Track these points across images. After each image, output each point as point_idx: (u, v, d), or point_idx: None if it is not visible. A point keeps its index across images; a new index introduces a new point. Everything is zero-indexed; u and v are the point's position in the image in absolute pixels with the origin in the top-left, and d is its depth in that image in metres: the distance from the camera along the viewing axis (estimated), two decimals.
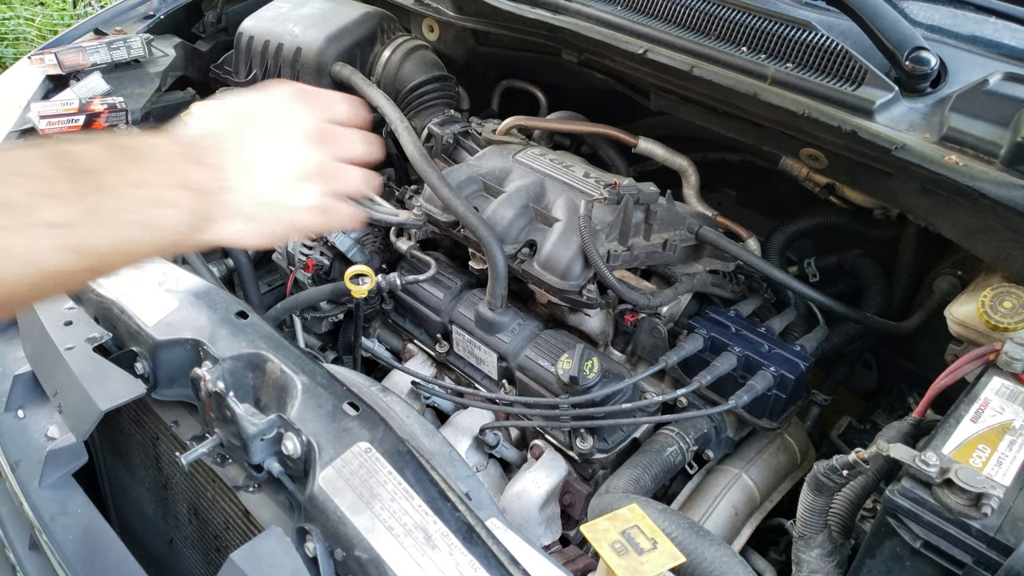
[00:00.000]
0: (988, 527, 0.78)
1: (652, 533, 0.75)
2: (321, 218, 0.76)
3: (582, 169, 1.44)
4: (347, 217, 0.78)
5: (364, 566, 0.76)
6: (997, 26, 1.27)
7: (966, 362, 1.00)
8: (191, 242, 0.69)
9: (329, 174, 0.76)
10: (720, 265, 1.39)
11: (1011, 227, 1.03)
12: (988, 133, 1.05)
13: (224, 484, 0.96)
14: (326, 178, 0.76)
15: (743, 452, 1.29)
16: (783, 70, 1.20)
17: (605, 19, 1.39)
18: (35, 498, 1.01)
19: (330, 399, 0.91)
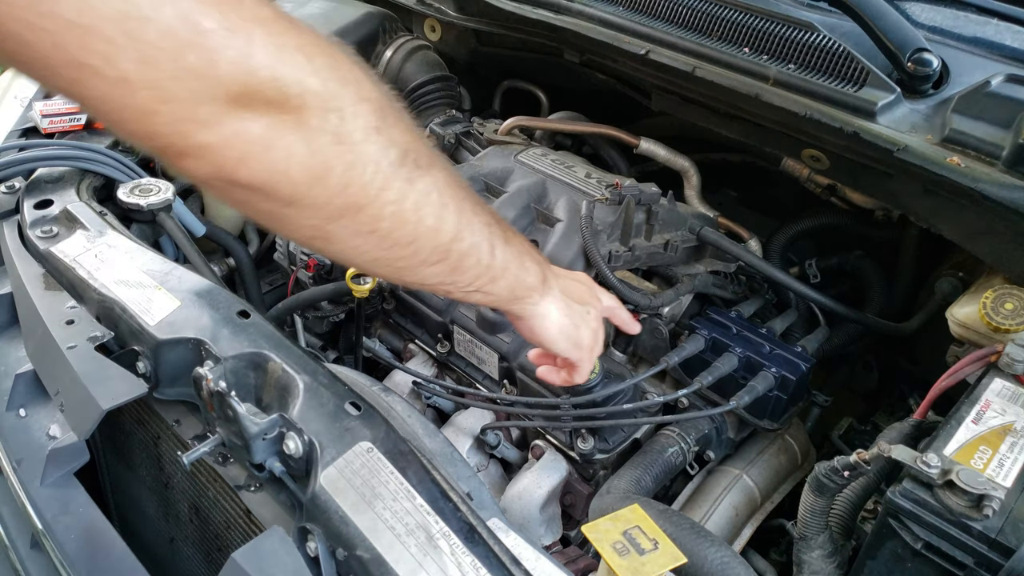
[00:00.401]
0: (989, 528, 0.78)
1: (653, 534, 0.75)
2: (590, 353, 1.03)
3: (584, 169, 1.44)
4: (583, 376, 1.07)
5: (366, 566, 0.76)
6: (999, 28, 1.27)
7: (967, 363, 1.01)
8: (518, 305, 0.93)
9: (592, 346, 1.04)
10: (721, 266, 1.39)
11: (1013, 228, 1.03)
12: (990, 135, 1.05)
13: (226, 483, 0.96)
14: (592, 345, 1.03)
15: (744, 453, 1.30)
16: (785, 71, 1.20)
17: (607, 20, 1.39)
18: (37, 497, 1.01)
19: (332, 399, 0.91)
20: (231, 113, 0.56)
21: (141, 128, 0.56)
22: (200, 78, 0.54)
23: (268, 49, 0.57)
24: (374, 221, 0.68)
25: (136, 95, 0.53)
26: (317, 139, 0.61)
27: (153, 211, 1.37)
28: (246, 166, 0.59)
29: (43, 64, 0.51)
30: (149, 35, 0.51)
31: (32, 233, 1.23)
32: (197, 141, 0.57)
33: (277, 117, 0.58)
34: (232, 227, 1.79)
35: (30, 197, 1.31)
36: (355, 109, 0.63)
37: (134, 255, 1.16)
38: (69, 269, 1.14)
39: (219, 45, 0.54)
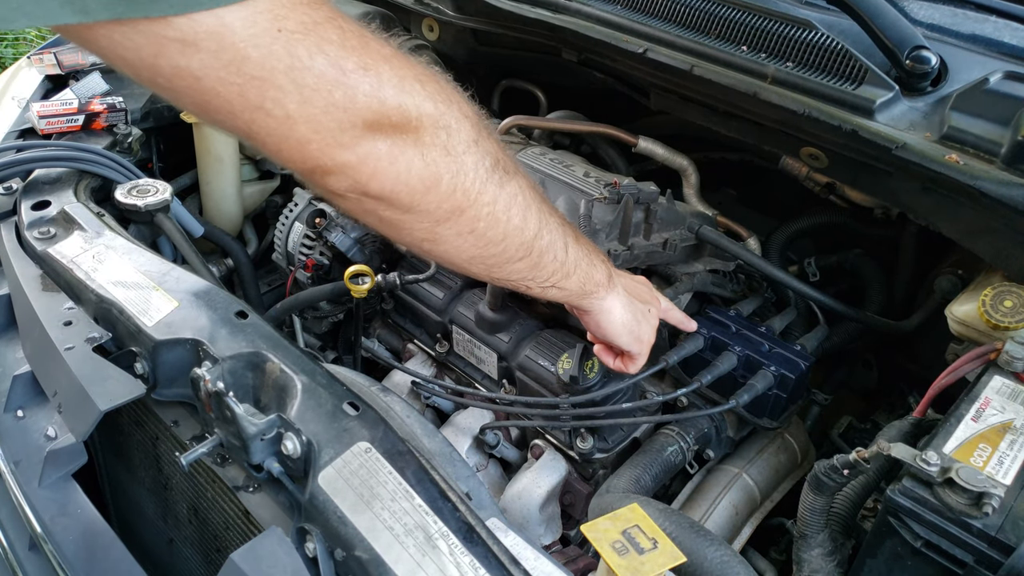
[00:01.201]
0: (989, 526, 0.78)
1: (653, 533, 0.75)
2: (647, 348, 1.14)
3: (582, 168, 1.44)
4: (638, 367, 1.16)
5: (364, 566, 0.76)
6: (998, 25, 1.27)
7: (967, 361, 1.00)
8: (587, 300, 1.03)
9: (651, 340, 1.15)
10: (720, 264, 1.39)
11: (1012, 226, 1.03)
12: (989, 132, 1.05)
13: (224, 484, 0.95)
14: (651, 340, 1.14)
15: (743, 452, 1.29)
16: (783, 69, 1.20)
17: (605, 18, 1.39)
18: (35, 498, 1.01)
19: (330, 399, 0.90)
20: (366, 136, 0.70)
21: (298, 155, 0.69)
22: (344, 110, 0.67)
23: (393, 81, 0.70)
24: (473, 222, 0.81)
25: (296, 128, 0.67)
26: (430, 152, 0.74)
27: (151, 212, 1.37)
28: (376, 179, 0.72)
29: (228, 110, 0.65)
30: (308, 80, 0.65)
31: (30, 234, 1.23)
32: (340, 160, 0.70)
33: (400, 137, 0.72)
34: (230, 228, 1.79)
35: (27, 198, 1.31)
36: (458, 125, 0.76)
37: (132, 256, 1.16)
38: (67, 270, 1.14)
39: (357, 82, 0.67)
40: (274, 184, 1.86)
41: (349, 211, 0.79)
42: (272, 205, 1.83)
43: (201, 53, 0.61)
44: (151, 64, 0.62)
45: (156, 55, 0.61)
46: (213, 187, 1.74)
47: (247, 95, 0.64)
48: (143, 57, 0.62)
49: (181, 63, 0.62)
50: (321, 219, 1.57)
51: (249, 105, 0.65)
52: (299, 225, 1.60)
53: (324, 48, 0.65)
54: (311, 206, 1.60)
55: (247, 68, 0.63)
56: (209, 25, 0.60)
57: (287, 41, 0.63)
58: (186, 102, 0.66)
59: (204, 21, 0.60)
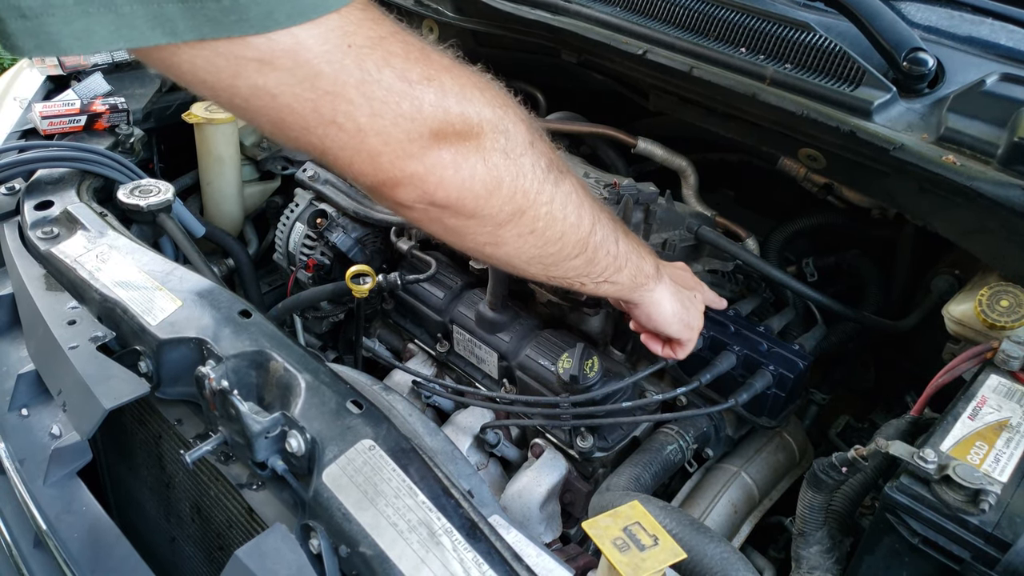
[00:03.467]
0: (986, 523, 0.79)
1: (653, 530, 0.75)
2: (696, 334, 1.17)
3: (582, 169, 1.45)
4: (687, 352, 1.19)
5: (369, 562, 0.77)
6: (994, 27, 1.28)
7: (963, 360, 1.01)
8: (638, 293, 1.05)
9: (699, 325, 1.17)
10: (719, 264, 1.40)
11: (1008, 226, 1.04)
12: (985, 133, 1.06)
13: (228, 482, 0.96)
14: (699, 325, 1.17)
15: (742, 450, 1.30)
16: (781, 71, 1.21)
17: (604, 20, 1.40)
18: (39, 496, 1.02)
19: (333, 397, 0.91)
20: (432, 146, 0.72)
21: (370, 167, 0.71)
22: (412, 120, 0.69)
23: (455, 90, 0.72)
24: (533, 222, 0.83)
25: (368, 141, 0.69)
26: (492, 157, 0.76)
27: (153, 212, 1.38)
28: (443, 187, 0.75)
29: (302, 126, 0.67)
30: (377, 93, 0.67)
31: (33, 234, 1.24)
32: (409, 171, 0.72)
33: (463, 144, 0.74)
34: (231, 228, 1.80)
35: (30, 198, 1.32)
36: (515, 129, 0.78)
37: (135, 256, 1.16)
38: (70, 270, 1.14)
39: (422, 93, 0.69)
40: (275, 184, 1.87)
41: (415, 221, 0.81)
42: (273, 206, 1.83)
43: (277, 71, 0.64)
44: (229, 84, 0.64)
45: (235, 75, 0.64)
46: (214, 187, 1.74)
47: (321, 110, 0.66)
48: (222, 78, 0.64)
49: (259, 82, 0.64)
50: (322, 219, 1.58)
51: (323, 120, 0.67)
52: (300, 225, 1.60)
53: (391, 61, 0.67)
54: (312, 206, 1.61)
55: (320, 83, 0.65)
56: (285, 44, 0.62)
57: (357, 56, 0.65)
58: (262, 120, 0.68)
59: (280, 40, 0.62)
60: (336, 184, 1.61)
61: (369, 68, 0.66)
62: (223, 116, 1.64)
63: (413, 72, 0.69)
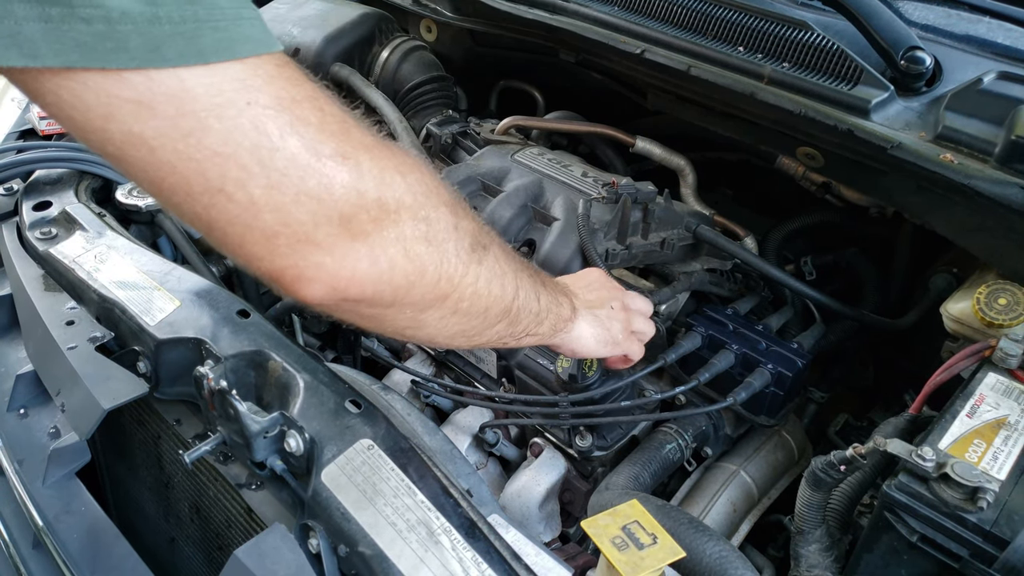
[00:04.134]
0: (984, 521, 0.79)
1: (652, 529, 0.75)
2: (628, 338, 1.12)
3: (580, 168, 1.45)
4: (639, 352, 1.15)
5: (368, 562, 0.77)
6: (991, 25, 1.28)
7: (962, 358, 1.01)
8: (558, 337, 1.01)
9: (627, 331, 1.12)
10: (718, 263, 1.40)
11: (1005, 224, 1.04)
12: (983, 131, 1.06)
13: (227, 482, 0.96)
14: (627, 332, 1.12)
15: (741, 449, 1.30)
16: (779, 70, 1.21)
17: (602, 19, 1.40)
18: (38, 497, 1.02)
19: (332, 397, 0.91)
20: (343, 234, 0.63)
21: (264, 250, 0.61)
22: (319, 201, 0.60)
23: (373, 172, 0.64)
24: (457, 303, 0.77)
25: (262, 217, 0.59)
26: (414, 247, 0.69)
27: (151, 212, 1.38)
28: (356, 283, 0.66)
29: (185, 190, 0.58)
30: (278, 162, 0.58)
31: (31, 235, 1.24)
32: (313, 261, 0.62)
33: (380, 233, 0.65)
34: None
35: (29, 199, 1.32)
36: (438, 214, 0.71)
37: (133, 256, 1.16)
38: (69, 270, 1.15)
39: (334, 171, 0.61)
40: None
41: (324, 311, 0.71)
42: None
43: (157, 118, 0.54)
44: (100, 127, 0.55)
45: (107, 117, 0.54)
46: None
47: (207, 173, 0.57)
48: (91, 119, 0.54)
49: (135, 129, 0.54)
50: None
51: (209, 186, 0.57)
52: None
53: (299, 129, 0.59)
54: None
55: (208, 141, 0.55)
56: (168, 87, 0.53)
57: (256, 116, 0.56)
58: (140, 177, 0.58)
59: (163, 81, 0.53)
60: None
61: (271, 132, 0.57)
62: None
63: (326, 146, 0.60)
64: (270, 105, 0.57)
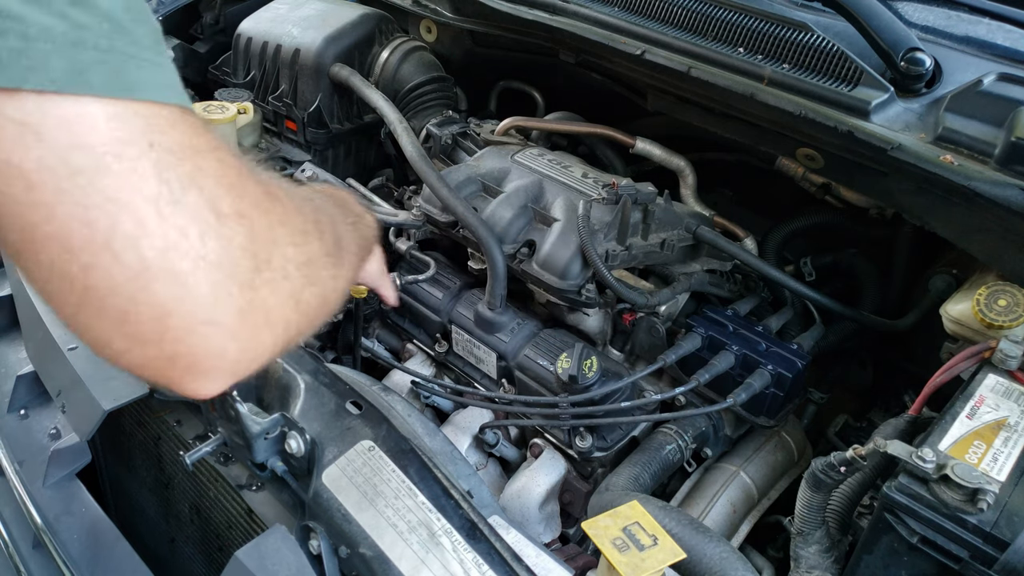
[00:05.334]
0: (984, 522, 0.79)
1: (652, 530, 0.76)
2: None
3: (580, 169, 1.45)
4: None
5: (369, 563, 0.77)
6: (991, 27, 1.28)
7: (961, 360, 1.02)
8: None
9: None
10: (717, 264, 1.40)
11: (1005, 226, 1.04)
12: (982, 133, 1.06)
13: (227, 483, 0.96)
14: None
15: (741, 450, 1.30)
16: (779, 71, 1.21)
17: (602, 20, 1.40)
18: (39, 498, 1.02)
19: (333, 398, 0.91)
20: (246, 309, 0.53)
21: (150, 332, 0.51)
22: (219, 268, 0.51)
23: (264, 232, 0.55)
24: (332, 311, 0.68)
25: (152, 288, 0.49)
26: (302, 297, 0.60)
27: None
28: (259, 359, 0.57)
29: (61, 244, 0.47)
30: (178, 219, 0.49)
31: None
32: (215, 348, 0.53)
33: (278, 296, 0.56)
34: None
35: None
36: (314, 249, 0.63)
37: None
38: None
39: (234, 231, 0.52)
40: None
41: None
42: None
43: (43, 147, 0.44)
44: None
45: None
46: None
47: (94, 224, 0.46)
48: None
49: (13, 157, 0.44)
50: None
51: (93, 241, 0.47)
52: None
53: (200, 181, 0.50)
54: None
55: (102, 184, 0.46)
56: (65, 111, 0.45)
57: (158, 161, 0.48)
58: (5, 220, 0.47)
59: (60, 104, 0.45)
60: (334, 184, 1.61)
61: (171, 181, 0.49)
62: (221, 116, 1.64)
63: (224, 202, 0.52)
64: (174, 151, 0.49)
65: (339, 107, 1.74)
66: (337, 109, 1.74)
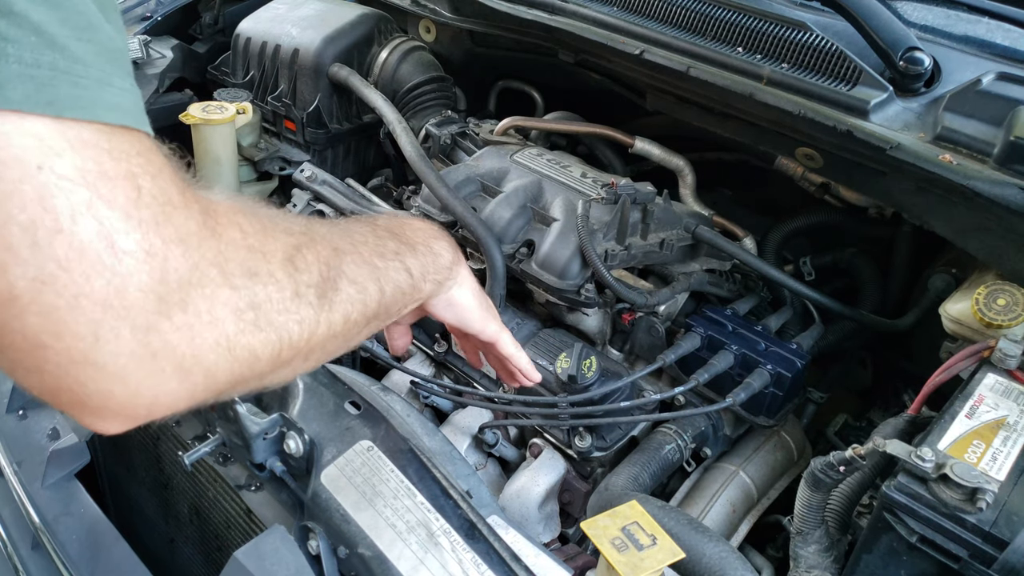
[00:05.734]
0: (983, 521, 0.79)
1: (652, 529, 0.76)
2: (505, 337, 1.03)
3: (579, 169, 1.45)
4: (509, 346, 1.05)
5: (367, 563, 0.77)
6: (990, 26, 1.28)
7: (961, 359, 1.02)
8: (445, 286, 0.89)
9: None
10: (717, 264, 1.40)
11: (1004, 225, 1.04)
12: (981, 132, 1.06)
13: (226, 483, 0.96)
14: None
15: (740, 449, 1.30)
16: (778, 70, 1.21)
17: (601, 20, 1.40)
18: (38, 498, 1.02)
19: (332, 398, 0.91)
20: (138, 352, 0.48)
21: (30, 362, 0.47)
22: (104, 308, 0.46)
23: (182, 269, 0.50)
24: (307, 355, 0.64)
25: (24, 319, 0.45)
26: (240, 341, 0.55)
27: None
28: (163, 406, 0.52)
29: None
30: (57, 250, 0.44)
31: None
32: (97, 390, 0.48)
33: (192, 341, 0.51)
34: None
35: None
36: (269, 290, 0.57)
37: None
38: None
39: (132, 269, 0.47)
40: (272, 185, 1.87)
41: None
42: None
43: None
44: None
45: None
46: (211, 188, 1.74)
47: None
48: None
49: None
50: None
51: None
52: None
53: (99, 211, 0.45)
54: (310, 207, 1.61)
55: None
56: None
57: (45, 185, 0.44)
58: None
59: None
60: (333, 184, 1.61)
61: (59, 209, 0.45)
62: (220, 117, 1.64)
63: (129, 237, 0.47)
64: (68, 176, 0.45)
65: (338, 107, 1.74)
66: (336, 109, 1.74)
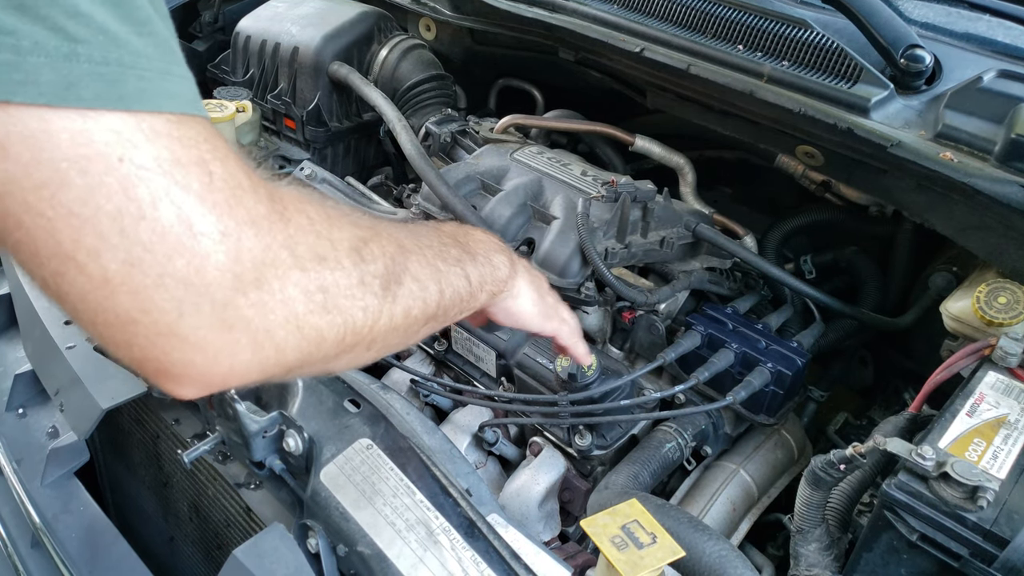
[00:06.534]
0: (984, 520, 0.79)
1: (651, 528, 0.75)
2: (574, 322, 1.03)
3: (580, 167, 1.45)
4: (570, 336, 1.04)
5: (367, 561, 0.77)
6: (991, 24, 1.28)
7: (961, 357, 1.01)
8: (499, 297, 0.90)
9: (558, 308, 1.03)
10: (717, 262, 1.40)
11: (1005, 223, 1.04)
12: (982, 130, 1.06)
13: (225, 481, 0.96)
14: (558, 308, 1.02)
15: (740, 448, 1.30)
16: (779, 68, 1.21)
17: (602, 18, 1.40)
18: (37, 496, 1.02)
19: (331, 396, 0.91)
20: (216, 326, 0.53)
21: (120, 336, 0.52)
22: (186, 286, 0.51)
23: (256, 251, 0.54)
24: (369, 344, 0.67)
25: (116, 299, 0.50)
26: (308, 321, 0.58)
27: None
28: (237, 375, 0.57)
29: (31, 250, 0.49)
30: (142, 234, 0.49)
31: None
32: (180, 359, 0.53)
33: (266, 318, 0.55)
34: None
35: None
36: (336, 276, 0.61)
37: None
38: None
39: (209, 250, 0.51)
40: None
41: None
42: None
43: (9, 161, 0.46)
44: None
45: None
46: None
47: (58, 235, 0.48)
48: None
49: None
50: None
51: (59, 251, 0.48)
52: None
53: (176, 197, 0.50)
54: None
55: (64, 198, 0.47)
56: (27, 127, 0.46)
57: (127, 176, 0.48)
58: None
59: (22, 119, 0.46)
60: (333, 183, 1.61)
61: (141, 197, 0.49)
62: (220, 115, 1.64)
63: (205, 220, 0.51)
64: (147, 165, 0.49)
65: (338, 105, 1.74)
66: (336, 107, 1.74)
